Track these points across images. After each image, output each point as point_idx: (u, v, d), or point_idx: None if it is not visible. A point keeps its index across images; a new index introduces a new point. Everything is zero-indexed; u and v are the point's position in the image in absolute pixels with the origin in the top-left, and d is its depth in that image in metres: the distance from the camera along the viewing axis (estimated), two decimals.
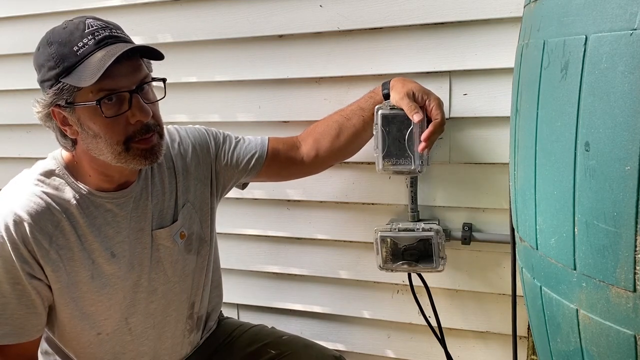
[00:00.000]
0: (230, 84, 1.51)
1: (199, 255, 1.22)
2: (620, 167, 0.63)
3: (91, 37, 0.95)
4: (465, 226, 1.36)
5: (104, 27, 0.98)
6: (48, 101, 0.97)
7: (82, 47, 0.95)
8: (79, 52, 0.94)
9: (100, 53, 0.94)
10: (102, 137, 0.98)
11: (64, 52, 0.95)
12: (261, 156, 1.28)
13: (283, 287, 1.62)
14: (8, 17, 1.69)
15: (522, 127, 0.82)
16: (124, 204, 1.09)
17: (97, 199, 1.06)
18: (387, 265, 1.34)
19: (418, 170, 1.24)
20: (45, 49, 0.97)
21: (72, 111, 0.98)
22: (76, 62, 0.94)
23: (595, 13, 0.64)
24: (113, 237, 1.07)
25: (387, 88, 1.24)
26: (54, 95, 0.96)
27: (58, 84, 0.95)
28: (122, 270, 1.09)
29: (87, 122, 0.98)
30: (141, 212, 1.11)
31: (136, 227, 1.11)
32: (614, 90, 0.62)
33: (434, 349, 1.48)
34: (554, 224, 0.74)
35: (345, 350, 1.59)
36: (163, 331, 1.18)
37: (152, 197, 1.13)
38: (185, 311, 1.21)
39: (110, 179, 1.07)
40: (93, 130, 0.98)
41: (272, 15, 1.41)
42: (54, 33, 0.98)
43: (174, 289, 1.17)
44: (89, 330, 1.09)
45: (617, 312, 0.66)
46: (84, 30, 0.96)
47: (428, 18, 1.28)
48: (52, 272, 1.01)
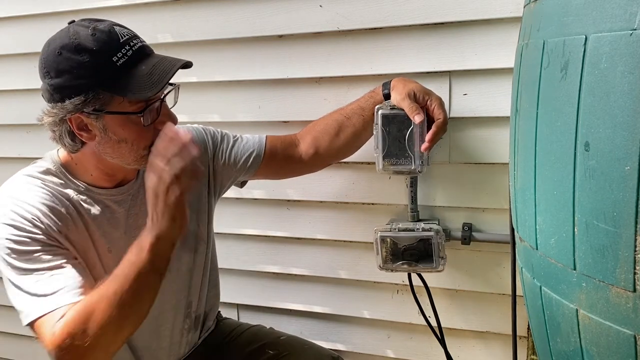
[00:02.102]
0: (230, 84, 1.51)
1: (197, 253, 1.22)
2: (620, 167, 0.63)
3: (129, 48, 0.96)
4: (465, 226, 1.36)
5: (133, 37, 0.99)
6: (70, 108, 0.95)
7: (122, 57, 0.95)
8: (120, 63, 0.94)
9: (144, 65, 0.96)
10: (129, 143, 1.00)
11: (100, 61, 0.94)
12: (259, 154, 1.28)
13: (283, 287, 1.62)
14: (8, 17, 1.69)
15: (522, 127, 0.82)
16: (122, 200, 1.10)
17: (95, 195, 1.07)
18: (387, 265, 1.34)
19: (418, 170, 1.24)
20: (72, 55, 0.94)
21: (98, 118, 0.97)
22: (118, 74, 0.94)
23: (595, 13, 0.64)
24: (111, 233, 1.09)
25: (388, 88, 1.24)
26: (82, 103, 0.94)
27: (91, 93, 0.94)
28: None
29: (115, 129, 0.98)
30: (139, 210, 1.12)
31: (134, 225, 1.11)
32: (613, 90, 0.62)
33: (433, 349, 1.48)
34: (554, 224, 0.74)
35: (345, 350, 1.59)
36: (161, 330, 1.19)
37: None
38: (183, 309, 1.21)
39: (113, 177, 1.09)
40: (120, 136, 0.99)
41: (272, 15, 1.41)
42: (82, 39, 0.94)
43: (170, 287, 1.17)
44: None
45: (617, 312, 0.66)
46: (119, 41, 0.96)
47: (428, 18, 1.28)
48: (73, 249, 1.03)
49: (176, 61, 0.99)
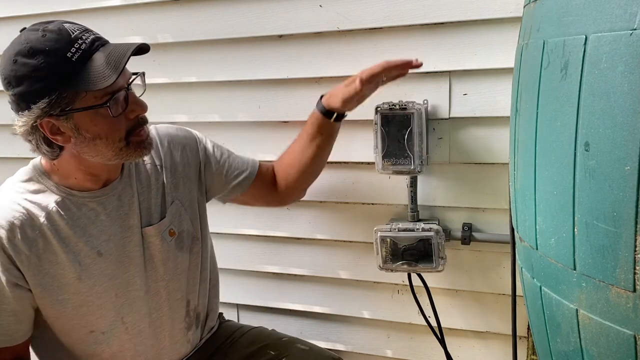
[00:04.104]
0: (230, 84, 1.51)
1: (192, 253, 1.23)
2: (620, 167, 0.63)
3: (81, 42, 0.95)
4: (465, 226, 1.36)
5: (84, 30, 0.97)
6: (37, 113, 0.95)
7: (76, 52, 0.94)
8: (75, 58, 0.94)
9: (98, 55, 0.95)
10: (103, 138, 1.00)
11: (55, 60, 0.93)
12: (251, 175, 1.30)
13: (283, 287, 1.62)
14: (8, 17, 1.69)
15: (522, 127, 0.82)
16: (107, 201, 1.09)
17: (78, 199, 1.06)
18: (387, 265, 1.34)
19: (417, 169, 1.24)
20: (26, 60, 0.93)
21: (68, 119, 0.97)
22: (75, 69, 0.94)
23: (595, 13, 0.64)
24: (98, 236, 1.08)
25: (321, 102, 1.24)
26: (48, 105, 0.94)
27: (53, 94, 0.93)
28: (110, 269, 1.09)
29: (87, 126, 0.98)
30: (128, 210, 1.12)
31: (124, 225, 1.11)
32: (613, 90, 0.62)
33: (433, 349, 1.48)
34: (554, 224, 0.74)
35: (345, 350, 1.59)
36: (160, 330, 1.19)
37: (139, 195, 1.14)
38: (182, 309, 1.22)
39: (97, 178, 1.08)
40: (93, 132, 0.99)
41: (272, 15, 1.41)
42: (33, 42, 0.94)
43: (167, 287, 1.18)
44: (80, 328, 1.09)
45: (617, 312, 0.66)
46: (70, 36, 0.95)
47: (428, 18, 1.28)
48: (32, 276, 1.02)
49: (130, 45, 0.97)
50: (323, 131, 1.25)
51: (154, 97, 1.58)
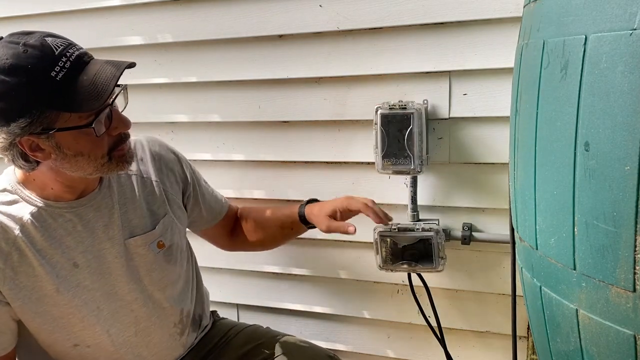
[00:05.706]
0: (230, 84, 1.51)
1: (182, 265, 1.23)
2: (620, 167, 0.63)
3: (65, 60, 0.91)
4: (465, 226, 1.35)
5: (68, 46, 0.93)
6: (17, 132, 0.90)
7: (60, 71, 0.90)
8: (59, 77, 0.90)
9: (84, 75, 0.92)
10: (85, 155, 0.98)
11: (38, 79, 0.88)
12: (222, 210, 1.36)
13: (283, 287, 1.62)
14: (8, 17, 1.69)
15: (521, 127, 0.82)
16: (84, 212, 1.07)
17: (54, 210, 1.04)
18: (386, 265, 1.34)
19: (417, 169, 1.24)
20: (6, 77, 0.88)
21: (49, 137, 0.93)
22: (60, 90, 0.90)
23: (594, 13, 0.64)
24: (75, 247, 1.05)
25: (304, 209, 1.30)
26: (28, 124, 0.90)
27: (36, 113, 0.90)
28: (88, 280, 1.07)
29: (69, 144, 0.96)
30: (107, 221, 1.09)
31: (103, 237, 1.09)
32: (613, 90, 0.62)
33: (433, 349, 1.48)
34: (554, 224, 0.74)
35: (345, 350, 1.59)
36: (150, 338, 1.17)
37: (120, 206, 1.12)
38: (172, 317, 1.20)
39: (74, 189, 1.06)
40: (75, 150, 0.97)
41: (272, 15, 1.41)
42: (13, 58, 0.88)
43: (154, 297, 1.16)
44: (63, 341, 1.08)
45: (616, 312, 0.66)
46: (54, 53, 0.90)
47: (428, 18, 1.27)
48: (9, 290, 1.00)
49: (119, 64, 0.94)
50: (295, 229, 1.35)
51: (154, 97, 1.59)
